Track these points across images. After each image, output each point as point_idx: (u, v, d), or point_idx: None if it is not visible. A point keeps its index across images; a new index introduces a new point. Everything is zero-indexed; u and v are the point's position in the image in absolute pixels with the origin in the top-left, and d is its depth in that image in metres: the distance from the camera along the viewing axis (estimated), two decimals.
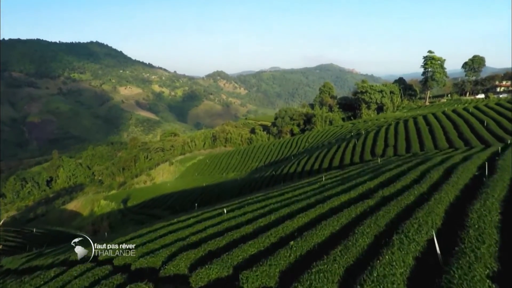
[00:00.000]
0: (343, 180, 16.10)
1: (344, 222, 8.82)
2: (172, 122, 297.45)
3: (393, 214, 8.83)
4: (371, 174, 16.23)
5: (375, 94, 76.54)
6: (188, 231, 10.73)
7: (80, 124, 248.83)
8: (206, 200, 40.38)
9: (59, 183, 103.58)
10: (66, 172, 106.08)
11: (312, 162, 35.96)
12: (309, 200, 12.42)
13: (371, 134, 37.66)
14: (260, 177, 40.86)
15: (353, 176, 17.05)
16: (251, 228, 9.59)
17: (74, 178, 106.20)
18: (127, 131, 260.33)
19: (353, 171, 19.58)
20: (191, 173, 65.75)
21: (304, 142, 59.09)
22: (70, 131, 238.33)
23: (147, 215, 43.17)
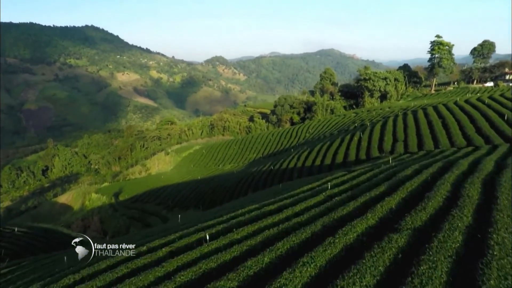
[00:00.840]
0: (354, 192, 13.27)
1: (369, 283, 6.01)
2: (171, 109, 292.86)
3: (442, 269, 6.01)
4: (387, 183, 13.38)
5: (378, 82, 72.80)
6: (152, 275, 8.03)
7: (77, 111, 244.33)
8: (199, 197, 38.03)
9: (55, 173, 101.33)
10: (61, 161, 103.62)
11: (313, 156, 33.12)
12: (315, 225, 9.62)
13: (377, 127, 34.59)
14: (258, 171, 38.19)
15: (365, 185, 14.21)
16: (235, 282, 6.83)
17: (70, 167, 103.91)
18: (125, 118, 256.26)
19: (363, 176, 16.72)
20: (186, 164, 63.09)
21: (304, 132, 56.06)
22: (68, 119, 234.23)
23: (139, 210, 40.86)
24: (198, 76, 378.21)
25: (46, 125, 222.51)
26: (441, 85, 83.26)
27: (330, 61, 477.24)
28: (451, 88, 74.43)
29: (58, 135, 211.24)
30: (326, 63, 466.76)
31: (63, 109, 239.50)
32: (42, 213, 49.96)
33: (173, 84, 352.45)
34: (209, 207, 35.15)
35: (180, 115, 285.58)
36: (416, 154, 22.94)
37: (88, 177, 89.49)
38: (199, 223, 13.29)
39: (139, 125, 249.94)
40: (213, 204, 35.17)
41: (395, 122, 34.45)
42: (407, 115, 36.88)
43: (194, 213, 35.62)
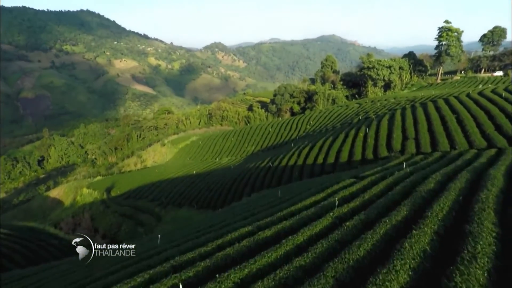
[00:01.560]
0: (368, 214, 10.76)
1: None
2: (170, 97, 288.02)
3: None
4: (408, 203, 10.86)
5: (382, 70, 69.26)
6: None
7: (75, 99, 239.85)
8: (193, 195, 35.86)
9: (51, 163, 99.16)
10: (57, 151, 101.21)
11: (315, 153, 30.54)
12: (325, 279, 7.17)
13: (384, 121, 31.82)
14: (255, 167, 35.76)
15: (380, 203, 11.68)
16: None
17: (66, 158, 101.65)
18: (123, 106, 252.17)
19: (375, 187, 14.16)
20: (183, 156, 60.69)
21: (305, 124, 53.27)
22: (66, 107, 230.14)
23: (132, 206, 38.74)
24: (197, 63, 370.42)
25: (43, 113, 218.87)
26: (447, 74, 79.61)
27: (331, 47, 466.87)
28: (458, 77, 70.94)
29: (56, 123, 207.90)
30: (327, 49, 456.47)
31: (61, 97, 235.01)
32: (33, 208, 48.04)
33: (171, 71, 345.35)
34: (203, 206, 33.06)
35: (179, 103, 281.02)
36: (431, 156, 20.34)
37: (85, 167, 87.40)
38: (178, 252, 10.86)
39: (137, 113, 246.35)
40: (208, 203, 33.05)
41: (404, 117, 31.66)
42: (416, 109, 34.04)
43: (187, 213, 33.53)
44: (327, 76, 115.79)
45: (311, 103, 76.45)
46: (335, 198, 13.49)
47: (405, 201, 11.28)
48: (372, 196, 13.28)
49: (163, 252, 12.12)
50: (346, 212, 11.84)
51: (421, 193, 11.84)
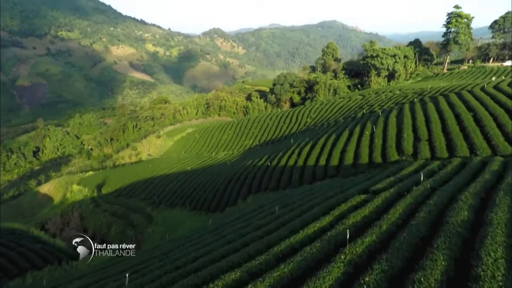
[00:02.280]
0: (391, 260, 8.28)
1: None
2: (168, 84, 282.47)
3: None
4: (441, 245, 8.37)
5: (387, 59, 65.60)
6: None
7: (72, 87, 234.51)
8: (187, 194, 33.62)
9: (47, 154, 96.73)
10: (53, 142, 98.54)
11: (317, 152, 27.90)
12: None
13: (392, 118, 28.99)
14: (253, 166, 33.25)
15: (404, 240, 9.19)
16: None
17: (62, 148, 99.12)
18: (121, 94, 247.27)
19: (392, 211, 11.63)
20: (178, 150, 58.11)
21: (305, 116, 50.35)
22: (63, 95, 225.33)
23: (122, 206, 36.53)
24: (195, 49, 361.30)
25: (40, 102, 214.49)
26: (453, 63, 75.76)
27: (331, 33, 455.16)
28: (465, 67, 67.28)
29: (53, 112, 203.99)
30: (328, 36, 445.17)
31: (57, 85, 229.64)
32: (22, 205, 45.93)
33: (169, 58, 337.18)
34: (196, 207, 30.83)
35: (178, 90, 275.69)
36: (449, 164, 17.68)
37: (80, 159, 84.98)
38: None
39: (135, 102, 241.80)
40: (201, 205, 30.82)
41: (413, 113, 28.80)
42: (425, 104, 31.12)
43: (180, 214, 31.34)
44: (328, 64, 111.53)
45: (312, 93, 73.14)
46: (345, 226, 10.98)
47: (438, 241, 8.69)
48: (390, 226, 10.72)
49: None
50: (361, 253, 9.28)
51: (455, 228, 9.24)
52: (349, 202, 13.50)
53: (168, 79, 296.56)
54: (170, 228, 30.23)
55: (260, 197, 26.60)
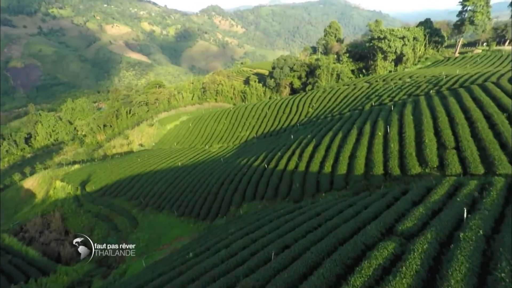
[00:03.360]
0: None
1: None
2: (165, 65, 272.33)
3: None
4: None
5: (395, 42, 59.67)
6: None
7: (67, 69, 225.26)
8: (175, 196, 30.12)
9: (39, 140, 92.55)
10: (45, 128, 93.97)
11: (321, 155, 23.91)
12: None
13: (408, 115, 24.68)
14: (248, 166, 29.39)
15: None
16: None
17: (55, 135, 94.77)
18: (118, 76, 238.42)
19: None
20: (170, 141, 54.03)
21: (306, 106, 45.79)
22: (58, 77, 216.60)
23: (107, 206, 33.12)
24: (193, 28, 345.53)
25: (35, 84, 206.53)
26: (465, 46, 69.48)
27: (333, 11, 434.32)
28: (479, 50, 61.37)
29: (49, 95, 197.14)
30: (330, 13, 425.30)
31: (52, 67, 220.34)
32: (5, 201, 42.68)
33: (166, 37, 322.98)
34: (184, 213, 27.40)
35: (175, 72, 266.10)
36: (492, 187, 13.67)
37: (72, 146, 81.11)
38: None
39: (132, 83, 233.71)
40: (190, 210, 27.35)
41: (432, 110, 24.47)
42: (445, 98, 26.70)
43: (167, 219, 27.95)
44: (331, 46, 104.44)
45: (313, 78, 67.77)
46: None
47: None
48: None
49: None
50: None
51: None
52: (373, 259, 9.62)
53: (166, 60, 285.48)
54: (156, 235, 27.01)
55: (255, 207, 23.02)
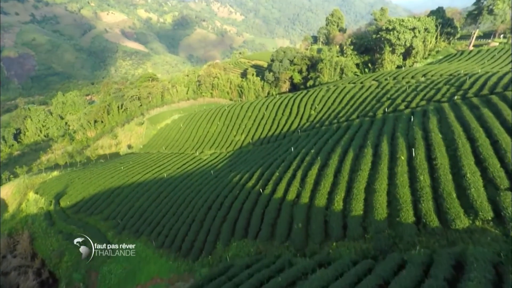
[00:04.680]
0: None
1: None
2: (163, 54, 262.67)
3: None
4: None
5: (405, 34, 53.52)
6: None
7: (62, 58, 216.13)
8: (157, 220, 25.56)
9: (29, 136, 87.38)
10: (34, 123, 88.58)
11: (328, 184, 18.93)
12: None
13: (435, 133, 19.56)
14: (240, 186, 24.55)
15: None
16: None
17: (45, 130, 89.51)
18: (114, 65, 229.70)
19: None
20: (159, 143, 48.93)
21: (308, 107, 40.46)
22: (53, 67, 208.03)
23: (80, 226, 28.51)
24: (190, 15, 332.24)
25: (29, 74, 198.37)
26: (479, 38, 63.04)
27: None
28: (495, 43, 55.24)
29: (44, 86, 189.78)
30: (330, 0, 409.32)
31: (46, 57, 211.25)
32: None
33: (163, 25, 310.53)
34: (164, 244, 22.84)
35: (173, 61, 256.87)
36: None
37: (62, 143, 75.97)
38: None
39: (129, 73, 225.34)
40: (171, 241, 22.78)
41: (465, 126, 19.44)
42: (478, 110, 21.63)
43: (144, 250, 23.40)
44: (333, 35, 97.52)
45: (315, 72, 61.88)
46: None
47: None
48: None
49: None
50: None
51: None
52: None
53: (163, 49, 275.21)
54: (131, 269, 22.55)
55: (246, 249, 18.34)
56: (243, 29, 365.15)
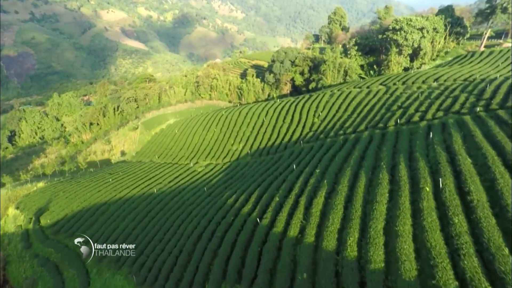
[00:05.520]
0: None
1: None
2: (163, 53, 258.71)
3: None
4: None
5: (413, 34, 49.90)
6: None
7: (62, 57, 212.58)
8: (141, 247, 22.52)
9: (24, 138, 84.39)
10: (29, 125, 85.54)
11: (338, 219, 15.70)
12: None
13: (462, 156, 16.33)
14: (235, 211, 21.39)
15: None
16: None
17: (40, 132, 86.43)
18: (114, 64, 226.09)
19: None
20: (153, 150, 45.74)
21: (311, 114, 37.07)
22: (53, 66, 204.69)
23: (59, 250, 25.41)
24: (191, 13, 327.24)
25: (29, 73, 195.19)
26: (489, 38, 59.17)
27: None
28: (508, 43, 51.58)
29: (43, 85, 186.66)
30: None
31: (46, 55, 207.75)
32: None
33: (164, 23, 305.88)
34: (146, 280, 19.73)
35: (174, 60, 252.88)
36: None
37: (56, 147, 72.91)
38: None
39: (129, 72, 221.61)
40: (155, 276, 19.65)
41: (499, 148, 16.16)
42: (507, 126, 18.29)
43: (123, 287, 20.29)
44: (335, 34, 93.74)
45: (318, 74, 58.34)
46: None
47: None
48: None
49: None
50: None
51: None
52: None
53: (163, 47, 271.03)
54: None
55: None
56: (244, 27, 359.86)
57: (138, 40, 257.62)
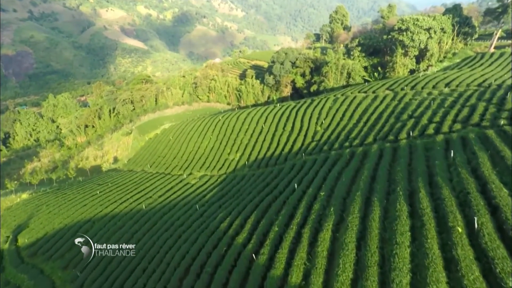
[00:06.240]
0: None
1: None
2: (163, 52, 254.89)
3: None
4: None
5: (419, 34, 46.80)
6: None
7: (60, 56, 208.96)
8: (121, 280, 19.70)
9: (18, 140, 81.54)
10: (24, 127, 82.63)
11: (350, 263, 12.86)
12: None
13: (498, 188, 13.51)
14: (229, 240, 18.64)
15: None
16: None
17: (35, 134, 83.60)
18: (113, 63, 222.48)
19: None
20: (145, 158, 42.98)
21: (313, 122, 34.21)
22: (51, 65, 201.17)
23: (33, 277, 22.67)
24: (191, 12, 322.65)
25: (27, 72, 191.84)
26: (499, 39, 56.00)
27: None
28: None
29: (42, 84, 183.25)
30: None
31: (44, 54, 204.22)
32: None
33: (163, 22, 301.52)
34: None
35: (173, 58, 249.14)
36: None
37: (50, 150, 70.09)
38: None
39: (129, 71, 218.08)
40: None
41: None
42: None
43: None
44: (337, 34, 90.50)
45: (319, 76, 55.35)
46: None
47: None
48: None
49: None
50: None
51: None
52: None
53: (163, 46, 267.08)
54: None
55: None
56: (244, 26, 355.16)
57: (137, 39, 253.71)
